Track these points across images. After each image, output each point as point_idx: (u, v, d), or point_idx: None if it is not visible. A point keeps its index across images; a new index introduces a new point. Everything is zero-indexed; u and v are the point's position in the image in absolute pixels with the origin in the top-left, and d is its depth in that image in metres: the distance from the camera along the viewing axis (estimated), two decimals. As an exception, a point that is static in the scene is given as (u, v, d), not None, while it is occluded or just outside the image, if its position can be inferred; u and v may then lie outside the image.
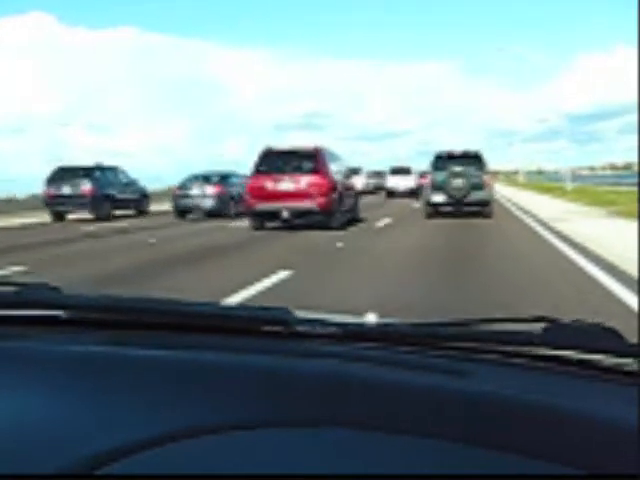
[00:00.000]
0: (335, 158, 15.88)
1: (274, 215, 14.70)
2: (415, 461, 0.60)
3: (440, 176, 16.96)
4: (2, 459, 0.59)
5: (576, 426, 0.62)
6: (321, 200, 14.15)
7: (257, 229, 14.70)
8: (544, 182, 74.98)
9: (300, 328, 0.88)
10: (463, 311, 4.80)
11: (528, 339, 0.81)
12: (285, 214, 14.49)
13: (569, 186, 39.64)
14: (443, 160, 17.37)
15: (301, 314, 0.93)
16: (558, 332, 0.79)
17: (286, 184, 14.42)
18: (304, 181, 14.31)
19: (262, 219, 14.90)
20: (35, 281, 1.12)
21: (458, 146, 18.03)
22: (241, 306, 1.16)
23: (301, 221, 14.92)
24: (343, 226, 14.56)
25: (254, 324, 0.93)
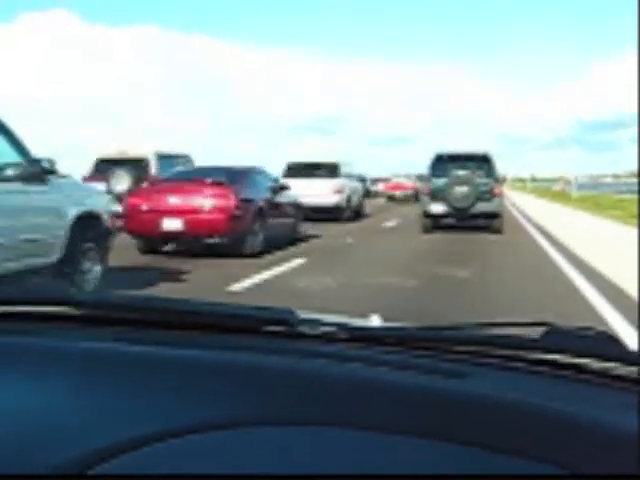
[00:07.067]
0: None
1: None
2: (413, 461, 0.62)
3: (440, 182, 13.99)
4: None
5: (574, 429, 0.64)
6: None
7: None
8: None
9: (302, 328, 0.89)
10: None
11: (527, 343, 0.82)
12: None
13: None
14: (444, 162, 14.31)
15: (304, 314, 0.94)
16: (556, 337, 0.80)
17: None
18: None
19: None
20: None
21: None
22: (244, 306, 1.01)
23: None
24: None
25: (256, 324, 0.94)
